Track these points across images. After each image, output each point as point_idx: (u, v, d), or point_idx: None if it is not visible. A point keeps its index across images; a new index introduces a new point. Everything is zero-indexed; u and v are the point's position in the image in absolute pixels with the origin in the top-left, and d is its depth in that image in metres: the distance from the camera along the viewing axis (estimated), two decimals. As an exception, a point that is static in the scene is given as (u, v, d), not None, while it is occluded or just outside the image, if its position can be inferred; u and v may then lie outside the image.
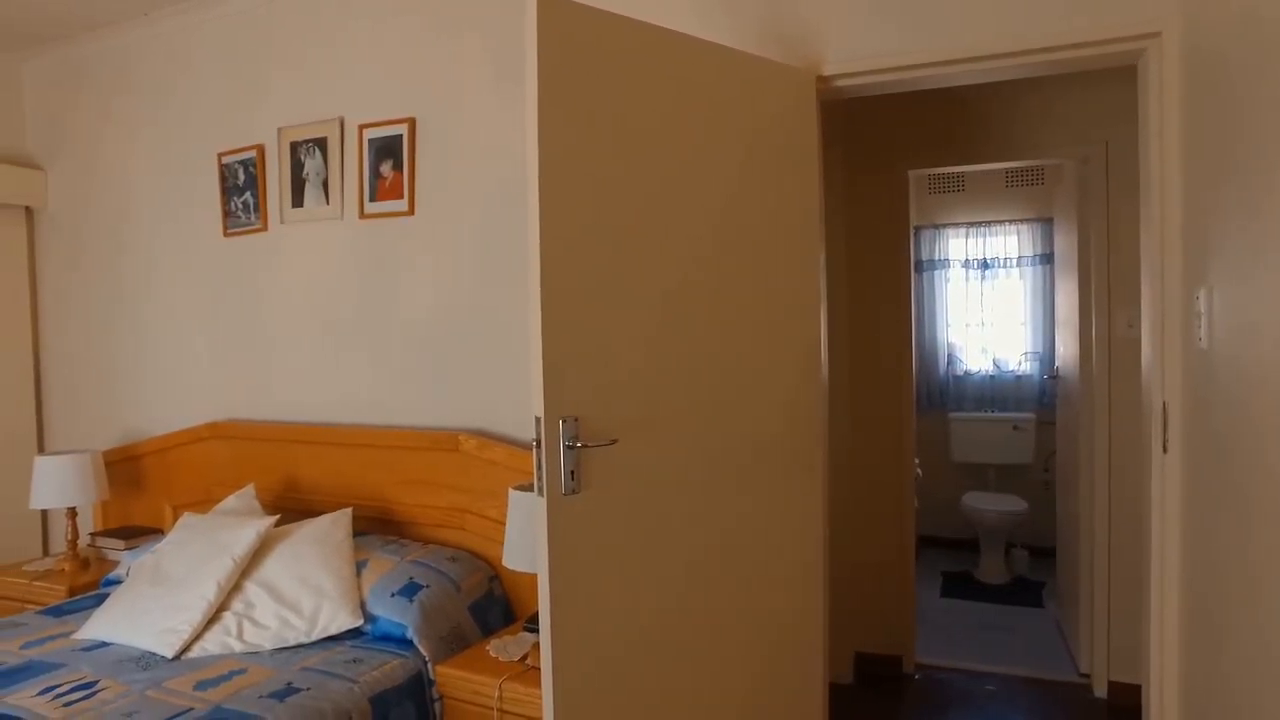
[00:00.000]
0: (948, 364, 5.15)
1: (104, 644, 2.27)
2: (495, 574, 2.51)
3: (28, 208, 3.66)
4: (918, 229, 4.95)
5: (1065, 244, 3.57)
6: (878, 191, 3.33)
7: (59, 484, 3.01)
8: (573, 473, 1.68)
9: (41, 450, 3.67)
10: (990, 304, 5.04)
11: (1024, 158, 3.25)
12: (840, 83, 2.26)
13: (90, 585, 2.92)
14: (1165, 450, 1.96)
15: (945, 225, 5.08)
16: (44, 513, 3.65)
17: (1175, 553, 1.94)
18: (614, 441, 1.74)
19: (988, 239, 4.99)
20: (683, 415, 1.92)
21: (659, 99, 1.89)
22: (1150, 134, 1.98)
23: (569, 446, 1.67)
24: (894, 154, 3.32)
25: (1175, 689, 1.96)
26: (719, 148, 2.01)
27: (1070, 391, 3.46)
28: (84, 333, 3.59)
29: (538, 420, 1.66)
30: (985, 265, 5.02)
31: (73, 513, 3.12)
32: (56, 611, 2.57)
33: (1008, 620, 3.85)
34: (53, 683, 2.03)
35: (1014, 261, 4.95)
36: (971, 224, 5.02)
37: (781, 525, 2.15)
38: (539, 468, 1.66)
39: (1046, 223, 4.81)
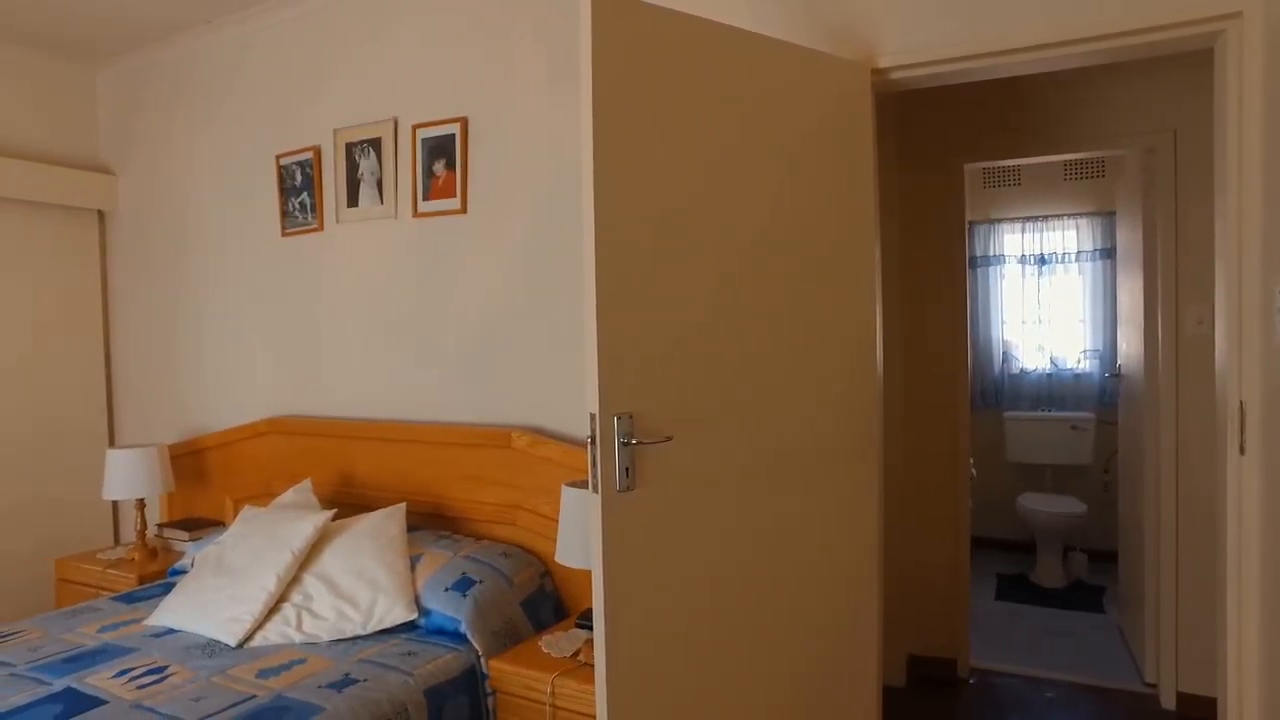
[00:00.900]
0: (1003, 362, 5.03)
1: (172, 631, 2.35)
2: (547, 570, 2.53)
3: (100, 211, 3.81)
4: (972, 224, 4.84)
5: (1129, 238, 3.45)
6: (932, 186, 3.27)
7: (129, 476, 3.12)
8: (627, 469, 1.68)
9: (112, 444, 3.82)
10: (1047, 300, 4.90)
11: (1085, 149, 3.14)
12: (896, 75, 2.21)
13: (158, 574, 3.02)
14: (1242, 452, 1.88)
15: (1000, 220, 4.95)
16: (114, 503, 3.79)
17: (1255, 558, 1.86)
18: (669, 438, 1.74)
19: (1045, 234, 4.85)
20: (737, 412, 1.91)
21: (712, 94, 1.88)
22: (1228, 121, 1.90)
23: (624, 443, 1.67)
24: (948, 147, 3.25)
25: (1256, 702, 1.88)
26: (773, 142, 1.99)
27: (1134, 391, 3.34)
28: (150, 331, 3.72)
29: (592, 417, 1.66)
30: (1042, 261, 4.89)
31: (141, 504, 3.23)
32: (128, 598, 2.67)
33: (1066, 625, 3.74)
34: (127, 666, 2.11)
35: (1072, 257, 4.81)
36: (1028, 218, 4.89)
37: (835, 524, 2.12)
38: (594, 464, 1.66)
39: (1108, 216, 4.66)
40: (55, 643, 2.29)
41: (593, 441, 1.66)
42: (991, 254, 5.00)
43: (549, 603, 2.48)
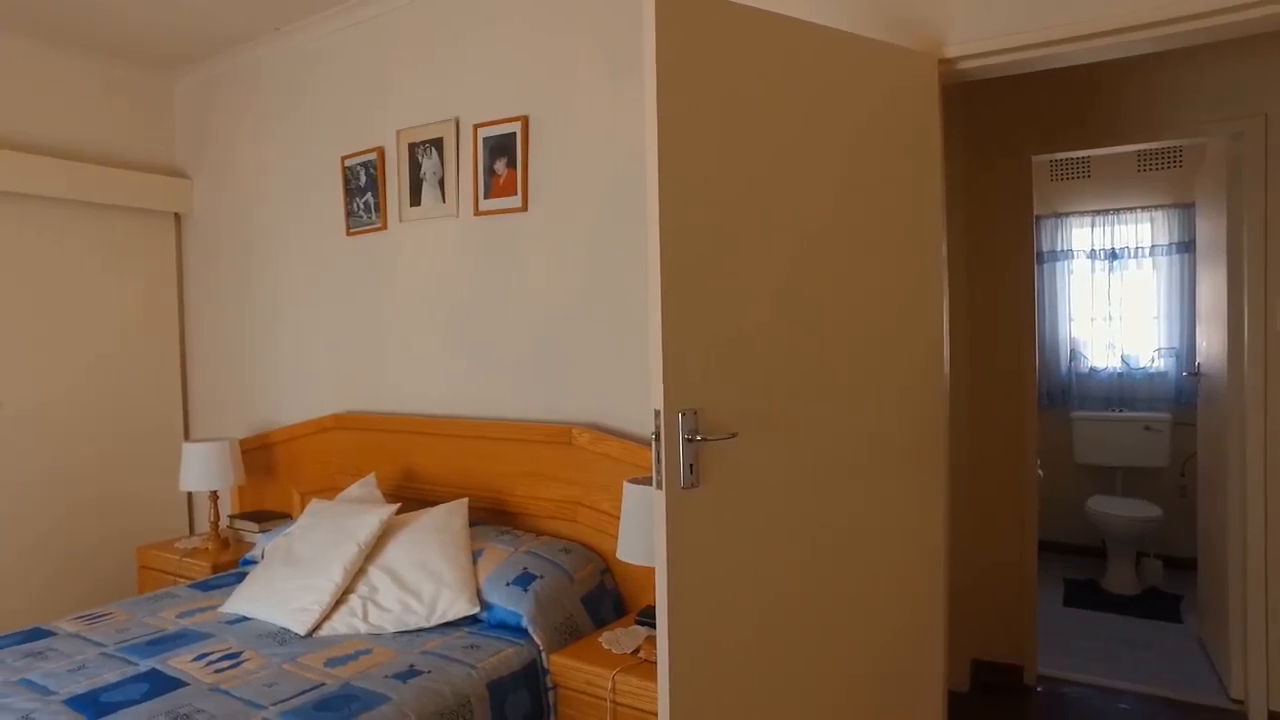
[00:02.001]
0: (1070, 360, 4.86)
1: (245, 619, 2.43)
2: (607, 566, 2.53)
3: (176, 214, 3.96)
4: (1038, 218, 4.69)
5: (1211, 230, 3.30)
6: (999, 178, 3.17)
7: (203, 469, 3.24)
8: (691, 466, 1.67)
9: (187, 438, 3.96)
10: (1119, 297, 4.72)
11: (1163, 138, 3.01)
12: (964, 65, 2.15)
13: (230, 564, 3.12)
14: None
15: (1069, 214, 4.79)
16: (189, 495, 3.94)
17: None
18: (733, 435, 1.72)
19: (1116, 227, 4.68)
20: (801, 409, 1.88)
21: (775, 87, 1.86)
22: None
23: (688, 440, 1.66)
24: (1017, 138, 3.15)
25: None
26: (837, 136, 1.95)
27: (1216, 390, 3.19)
28: (222, 329, 3.85)
29: (657, 413, 1.65)
30: (1113, 255, 4.71)
31: (214, 496, 3.35)
32: (204, 586, 2.77)
33: (1141, 634, 3.60)
34: (205, 650, 2.19)
35: (1146, 251, 4.62)
36: (1098, 212, 4.71)
37: (900, 525, 2.07)
38: (658, 461, 1.65)
39: (1185, 208, 4.47)
40: (140, 626, 2.39)
41: (657, 438, 1.65)
42: (1059, 249, 4.84)
43: (609, 599, 2.49)
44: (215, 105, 3.80)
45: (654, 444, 1.66)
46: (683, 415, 1.66)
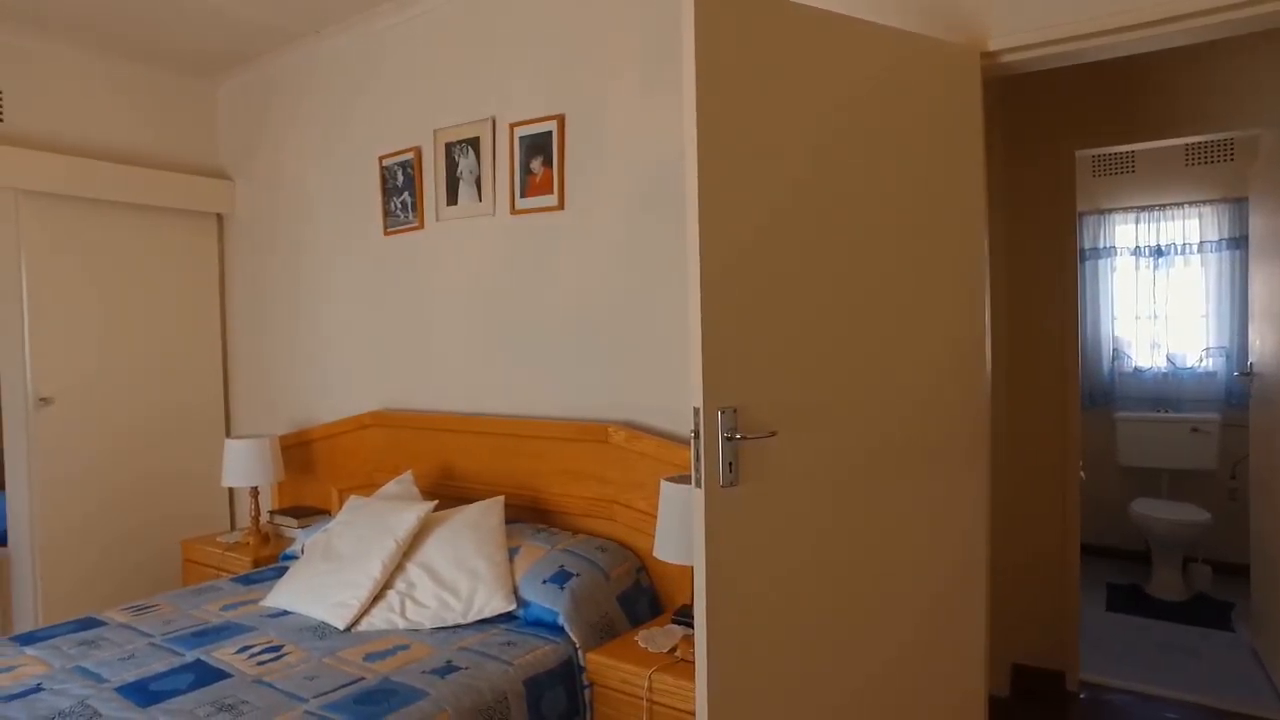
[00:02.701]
0: (1113, 360, 4.75)
1: (286, 612, 2.46)
2: (642, 565, 2.53)
3: (219, 215, 4.04)
4: (1080, 215, 4.58)
5: (1265, 225, 3.20)
6: (1040, 174, 3.11)
7: (244, 465, 3.29)
8: (731, 464, 1.66)
9: (229, 434, 4.04)
10: (1164, 294, 4.60)
11: (1216, 130, 2.93)
12: (1007, 58, 2.11)
13: (270, 558, 3.17)
14: None
15: (1112, 210, 4.68)
16: (230, 490, 4.01)
17: None
18: (773, 434, 1.70)
19: (1162, 223, 4.56)
20: (842, 408, 1.86)
21: (816, 83, 1.84)
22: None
23: (727, 438, 1.65)
24: (1059, 133, 3.09)
25: None
26: (877, 131, 1.93)
27: (1271, 390, 3.10)
28: (262, 327, 3.91)
29: (696, 411, 1.64)
30: (1159, 252, 4.59)
31: (255, 491, 3.40)
32: (245, 580, 2.82)
33: (1189, 642, 3.50)
34: (247, 643, 2.22)
35: (1194, 248, 4.50)
36: (1143, 208, 4.60)
37: (942, 526, 2.04)
38: (697, 459, 1.64)
39: (1236, 203, 4.34)
40: (185, 618, 2.44)
41: (696, 436, 1.65)
42: (1101, 246, 4.73)
43: (645, 598, 2.48)
44: (257, 109, 3.87)
45: (693, 442, 1.65)
46: (722, 413, 1.65)
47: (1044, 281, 3.13)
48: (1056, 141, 3.09)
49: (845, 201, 1.87)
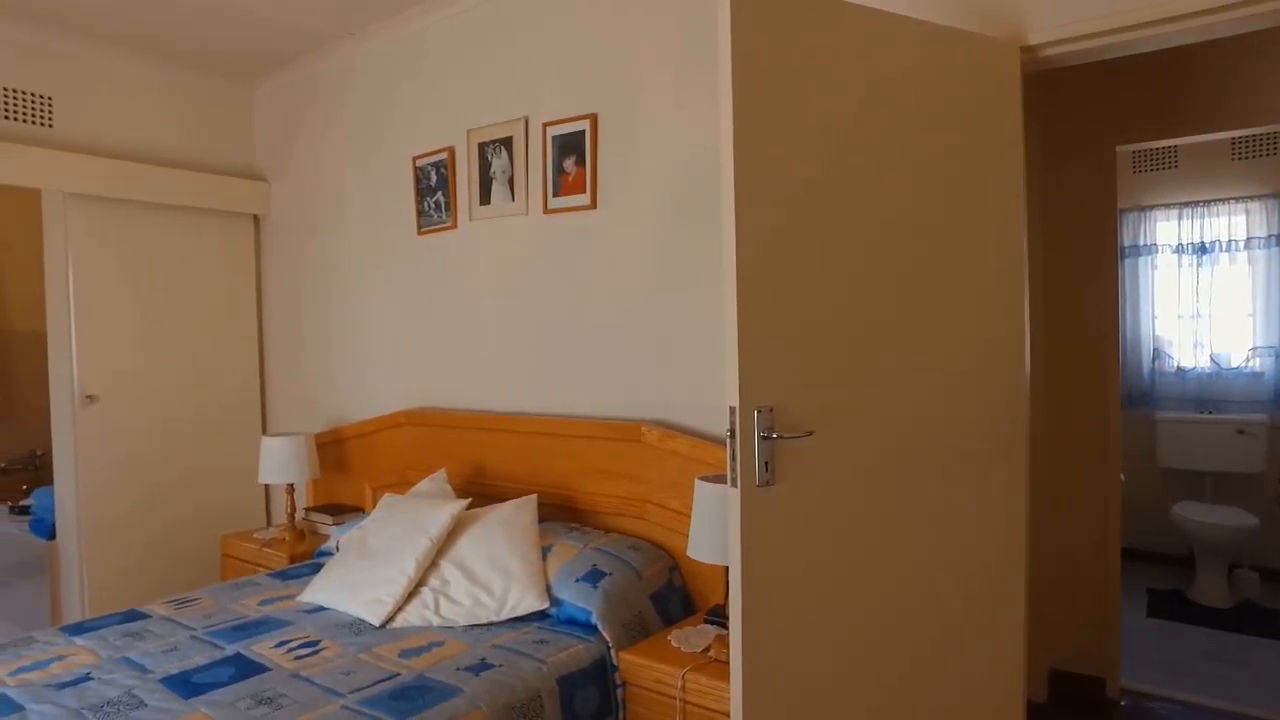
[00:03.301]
0: (1153, 359, 4.65)
1: (322, 608, 2.49)
2: (675, 564, 2.52)
3: (255, 216, 4.11)
4: (1120, 211, 4.49)
5: (1314, 222, 3.10)
6: (1080, 170, 3.05)
7: (280, 462, 3.34)
8: (767, 464, 1.65)
9: (265, 431, 4.10)
10: (1208, 293, 4.49)
11: (1265, 123, 2.84)
12: (1047, 52, 2.07)
13: (306, 554, 3.22)
14: None
15: (1153, 206, 4.58)
16: (266, 487, 4.07)
17: None
18: (810, 433, 1.69)
19: (1207, 220, 4.45)
20: (879, 408, 1.84)
21: (852, 79, 1.82)
22: None
23: (763, 437, 1.64)
24: (1100, 128, 3.02)
25: None
26: (915, 128, 1.90)
27: (1320, 391, 3.00)
28: (298, 326, 3.97)
29: (732, 410, 1.64)
30: (1203, 249, 4.48)
31: (291, 488, 3.45)
32: (282, 575, 2.86)
33: (1236, 650, 3.41)
34: (285, 638, 2.26)
35: (1240, 244, 4.38)
36: (1186, 204, 4.49)
37: (980, 527, 2.01)
38: (733, 458, 1.64)
39: (1285, 199, 4.22)
40: (224, 612, 2.48)
41: (732, 435, 1.64)
42: (1142, 243, 4.63)
43: (677, 597, 2.48)
44: (292, 111, 3.93)
45: (729, 441, 1.64)
46: (758, 412, 1.64)
47: (1083, 280, 3.07)
48: (1097, 137, 3.03)
49: (883, 199, 1.85)
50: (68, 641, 2.27)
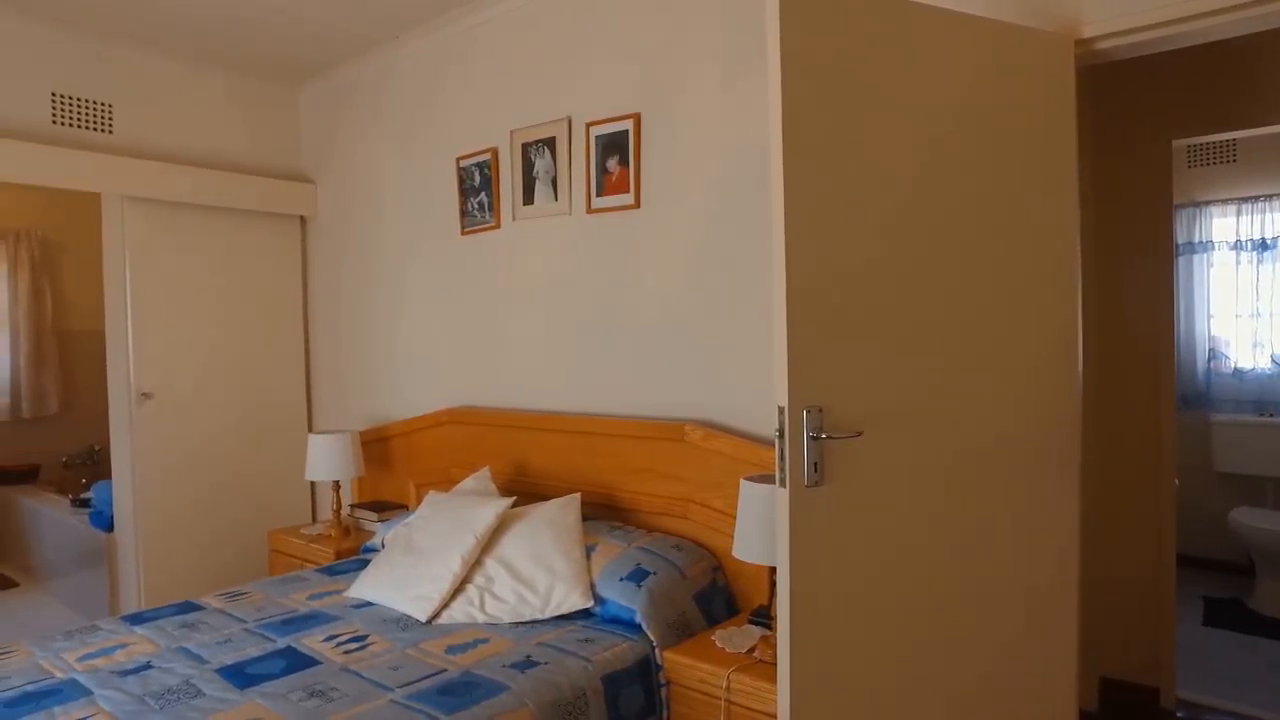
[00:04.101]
0: (1209, 360, 4.51)
1: (369, 604, 2.53)
2: (719, 564, 2.51)
3: (302, 217, 4.19)
4: (1174, 207, 4.37)
5: (1384, 217, 2.98)
6: (1132, 165, 2.97)
7: (327, 460, 3.40)
8: (816, 464, 1.64)
9: (311, 429, 4.18)
10: (1268, 291, 4.34)
11: (1331, 115, 2.75)
12: (1103, 45, 2.02)
13: (352, 550, 3.27)
14: None
15: (1209, 202, 4.44)
16: (312, 484, 4.15)
17: None
18: (859, 434, 1.67)
19: (1268, 215, 4.30)
20: (929, 409, 1.81)
21: (903, 74, 1.80)
22: None
23: (813, 437, 1.62)
24: (1155, 121, 2.94)
25: None
26: (967, 124, 1.87)
27: (1390, 393, 2.89)
28: (343, 325, 4.04)
29: (781, 410, 1.62)
30: (1263, 246, 4.33)
31: (336, 486, 3.51)
32: (329, 571, 2.91)
33: (1299, 662, 3.29)
34: (334, 632, 2.30)
35: (1302, 241, 4.23)
36: (1245, 199, 4.35)
37: (1031, 530, 1.97)
38: (781, 458, 1.63)
39: (1349, 193, 4.06)
40: (274, 605, 2.53)
41: (781, 435, 1.63)
42: (1196, 240, 4.50)
43: (721, 597, 2.47)
44: (337, 113, 4.00)
45: (777, 441, 1.63)
46: (807, 412, 1.63)
47: (1137, 278, 2.99)
48: (1151, 131, 2.95)
49: (933, 197, 1.82)
50: (129, 630, 2.34)
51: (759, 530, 2.08)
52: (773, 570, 2.16)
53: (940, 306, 1.83)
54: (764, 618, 2.25)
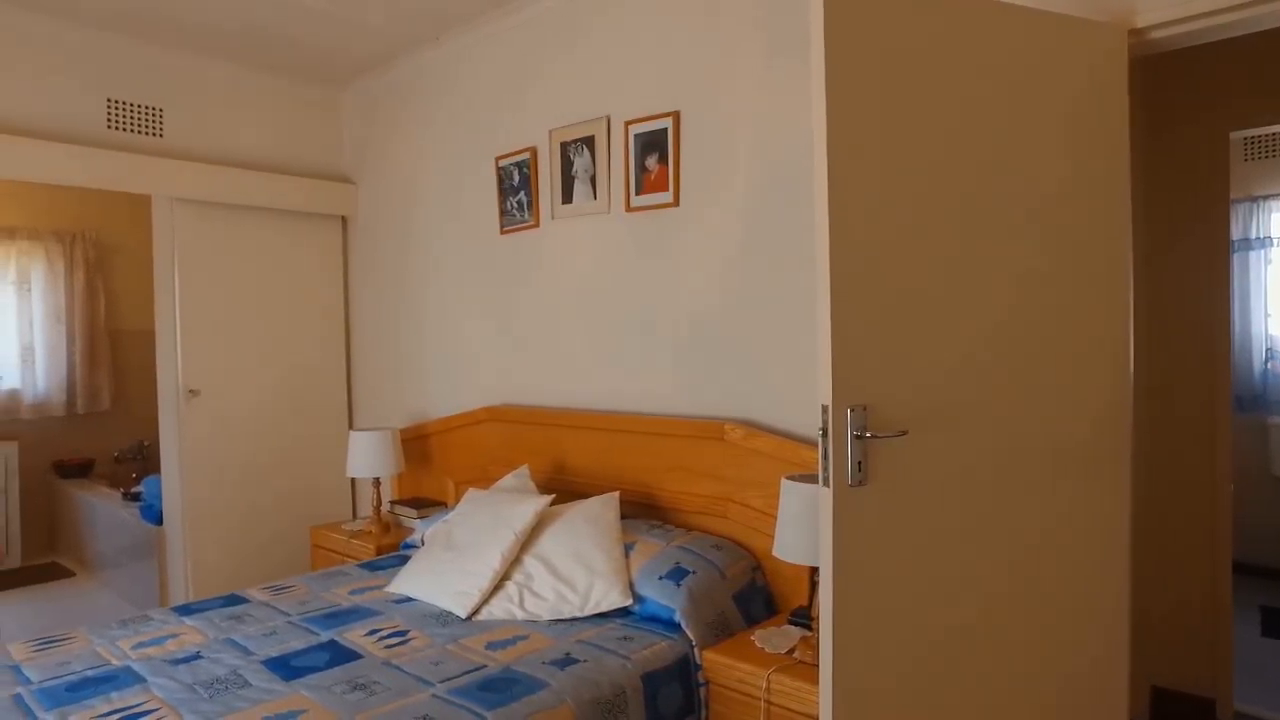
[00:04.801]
0: (1266, 361, 4.36)
1: (409, 599, 2.56)
2: (758, 564, 2.49)
3: (343, 217, 4.25)
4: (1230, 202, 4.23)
5: None
6: (1185, 158, 2.87)
7: (367, 457, 3.45)
8: (859, 464, 1.61)
9: (351, 426, 4.24)
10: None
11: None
12: (1157, 34, 1.97)
13: (391, 546, 3.31)
14: None
15: (1268, 197, 4.29)
16: (352, 480, 4.22)
17: None
18: (903, 433, 1.64)
19: (1330, 211, 4.15)
20: (974, 409, 1.78)
21: (949, 68, 1.76)
22: None
23: (856, 436, 1.60)
24: (1212, 113, 2.84)
25: None
26: (1015, 118, 1.83)
27: None
28: (383, 324, 4.09)
29: (824, 408, 1.60)
30: (1325, 243, 4.18)
31: (377, 482, 3.56)
32: (370, 566, 2.95)
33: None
34: (375, 626, 2.32)
35: (1366, 237, 4.07)
36: (1306, 194, 4.20)
37: (1081, 534, 1.92)
38: (825, 457, 1.60)
39: None
40: (318, 599, 2.57)
41: (824, 434, 1.61)
42: (1254, 236, 4.35)
43: (760, 597, 2.45)
44: (378, 114, 4.05)
45: (821, 440, 1.61)
46: (851, 411, 1.60)
47: (1191, 275, 2.89)
48: (1207, 122, 2.85)
49: (980, 193, 1.79)
50: (179, 621, 2.40)
51: (800, 530, 2.06)
52: (813, 571, 2.14)
53: (988, 304, 1.79)
54: (804, 618, 2.23)
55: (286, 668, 2.05)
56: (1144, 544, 2.82)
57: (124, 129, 3.53)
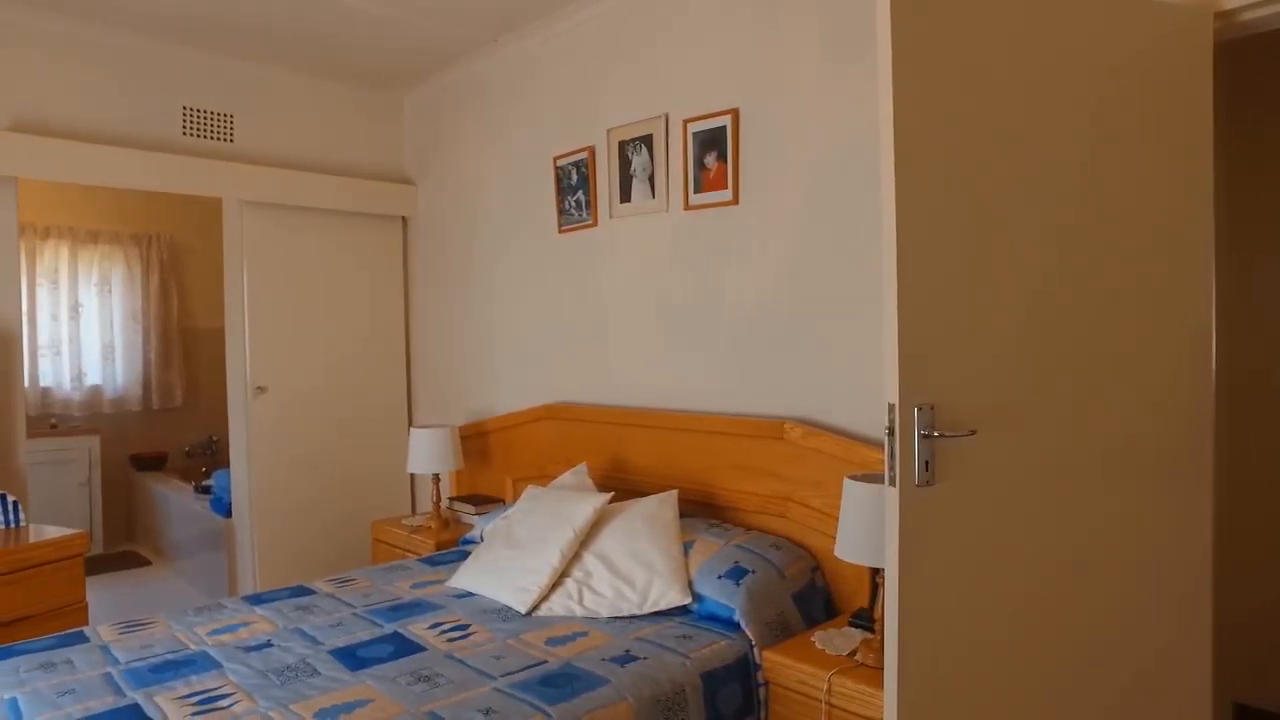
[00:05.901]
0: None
1: (469, 594, 2.59)
2: (817, 564, 2.46)
3: (403, 218, 4.34)
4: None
5: None
6: (1274, 149, 2.74)
7: (427, 453, 3.51)
8: (927, 463, 1.58)
9: (411, 424, 4.33)
10: None
11: None
12: (1246, 16, 1.88)
13: (450, 542, 3.36)
14: None
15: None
16: (412, 476, 4.30)
17: None
18: (972, 432, 1.61)
19: None
20: (1046, 408, 1.72)
21: (1021, 57, 1.71)
22: None
23: (924, 435, 1.57)
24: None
25: None
26: (1091, 108, 1.77)
27: None
28: (442, 322, 4.16)
29: (891, 407, 1.58)
30: None
31: (436, 478, 3.62)
32: (431, 561, 3.00)
33: None
34: (437, 620, 2.36)
35: None
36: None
37: (1160, 541, 1.85)
38: (891, 456, 1.58)
39: None
40: (380, 593, 2.63)
41: (890, 433, 1.58)
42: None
43: (820, 598, 2.42)
44: (438, 116, 4.13)
45: (887, 439, 1.58)
46: (918, 410, 1.57)
47: (1276, 272, 2.76)
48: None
49: (1054, 185, 1.73)
50: (250, 610, 2.48)
51: (863, 530, 2.03)
52: (874, 572, 2.10)
53: (1062, 300, 1.74)
54: (865, 620, 2.19)
55: (353, 658, 2.10)
56: (1228, 552, 2.70)
57: (198, 135, 3.67)
